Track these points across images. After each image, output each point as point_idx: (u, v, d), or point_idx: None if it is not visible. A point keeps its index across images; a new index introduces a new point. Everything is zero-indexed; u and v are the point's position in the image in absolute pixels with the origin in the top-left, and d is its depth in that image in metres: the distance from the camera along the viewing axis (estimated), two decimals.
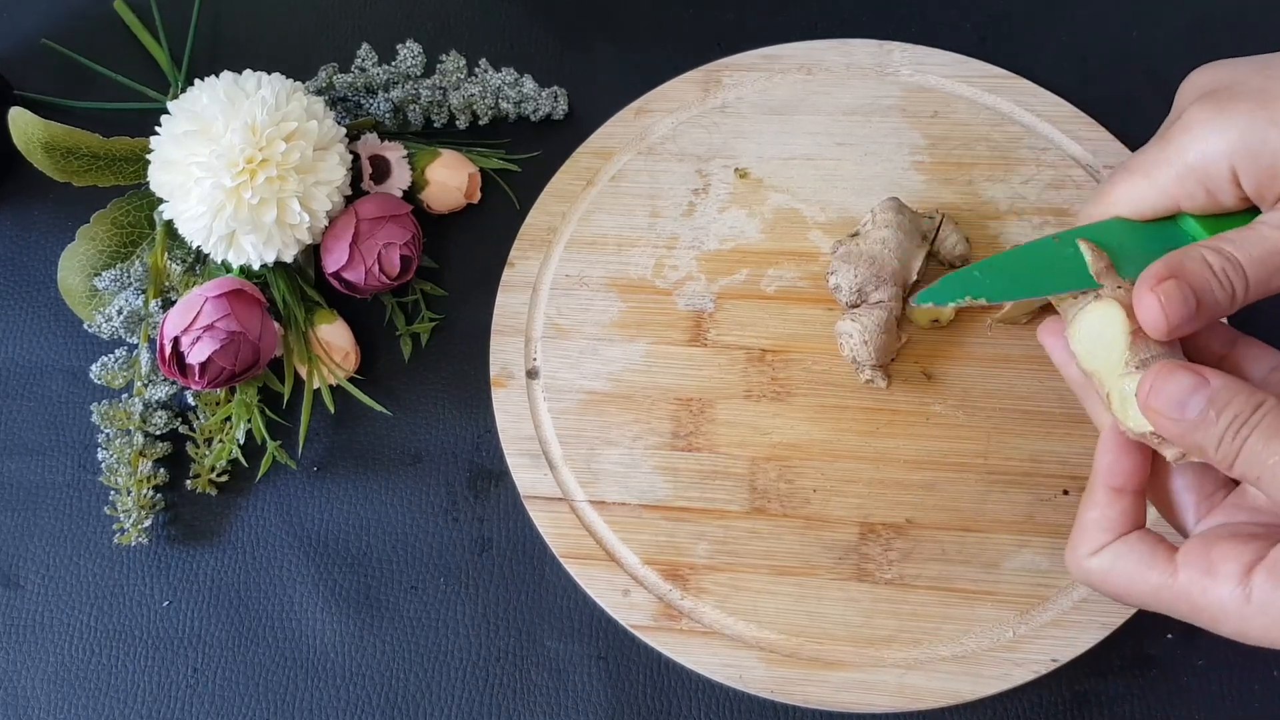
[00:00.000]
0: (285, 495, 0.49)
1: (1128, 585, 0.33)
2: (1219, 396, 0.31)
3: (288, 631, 0.47)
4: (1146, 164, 0.35)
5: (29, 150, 0.49)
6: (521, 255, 0.52)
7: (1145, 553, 0.33)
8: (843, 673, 0.43)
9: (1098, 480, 0.34)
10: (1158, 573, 0.32)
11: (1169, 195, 0.35)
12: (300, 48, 0.59)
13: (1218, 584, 0.31)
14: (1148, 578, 0.32)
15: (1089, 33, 0.56)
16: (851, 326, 0.46)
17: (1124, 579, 0.33)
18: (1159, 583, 0.32)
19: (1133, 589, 0.33)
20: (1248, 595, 0.30)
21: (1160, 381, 0.31)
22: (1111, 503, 0.34)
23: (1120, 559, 0.33)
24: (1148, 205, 0.35)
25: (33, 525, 0.50)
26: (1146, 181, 0.35)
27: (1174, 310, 0.32)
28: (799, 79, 0.54)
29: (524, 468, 0.48)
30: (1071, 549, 0.34)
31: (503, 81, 0.55)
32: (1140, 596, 0.33)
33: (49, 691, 0.47)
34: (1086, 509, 0.34)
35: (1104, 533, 0.34)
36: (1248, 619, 0.30)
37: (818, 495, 0.46)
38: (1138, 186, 0.35)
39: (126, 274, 0.50)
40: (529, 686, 0.45)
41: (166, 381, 0.49)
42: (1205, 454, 0.31)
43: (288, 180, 0.46)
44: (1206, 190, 0.34)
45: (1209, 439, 0.31)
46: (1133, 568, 0.33)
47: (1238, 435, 0.30)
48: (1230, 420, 0.30)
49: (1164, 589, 0.32)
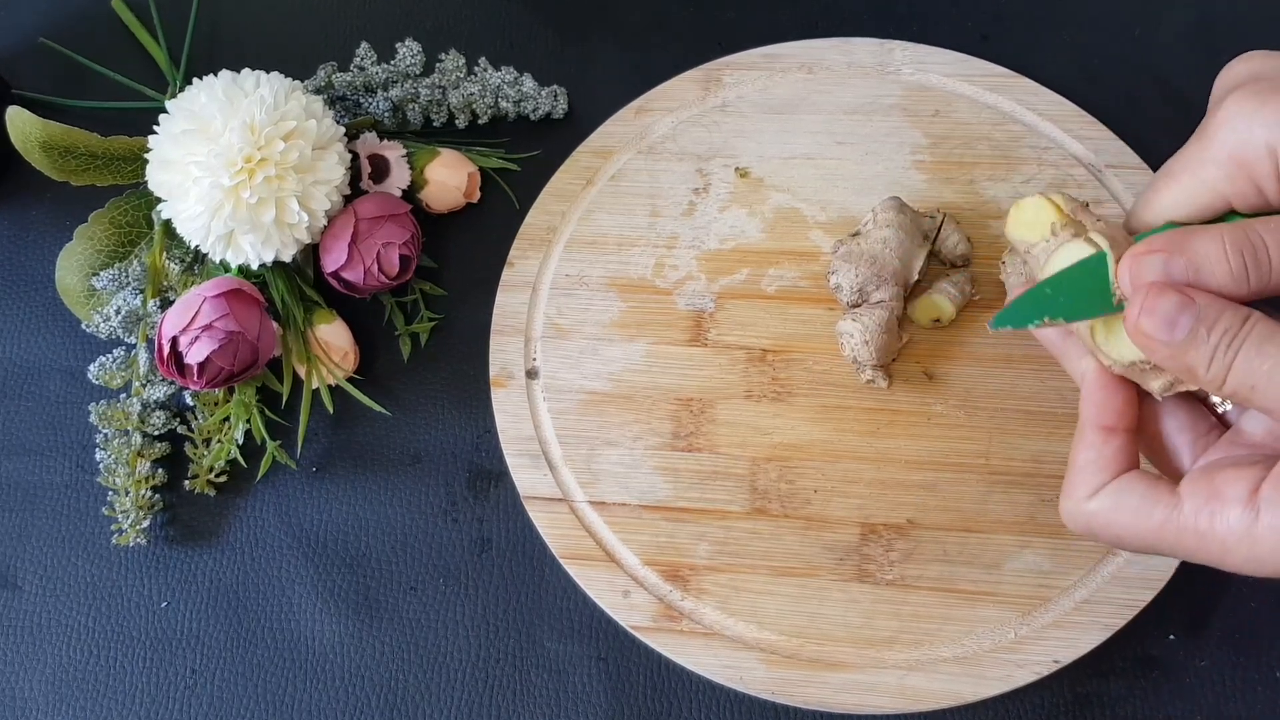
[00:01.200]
0: (284, 496, 0.49)
1: (1132, 524, 0.32)
2: (1206, 313, 0.30)
3: (286, 632, 0.47)
4: (1189, 163, 0.34)
5: (27, 149, 0.49)
6: (521, 255, 0.52)
7: (1146, 489, 0.32)
8: (844, 674, 0.43)
9: (1087, 422, 0.33)
10: (1163, 507, 0.31)
11: (1217, 192, 0.33)
12: (299, 46, 0.59)
13: (1225, 508, 0.30)
14: (1152, 513, 0.31)
15: (1091, 31, 0.56)
16: (852, 326, 0.46)
17: (1128, 516, 0.32)
18: (1164, 516, 0.31)
19: (1136, 527, 0.31)
20: (1255, 515, 0.29)
21: (1150, 302, 0.30)
22: (1105, 441, 0.33)
23: (1122, 497, 0.32)
24: (1197, 207, 0.34)
25: (30, 526, 0.49)
26: (1193, 180, 0.33)
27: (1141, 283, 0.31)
28: (800, 78, 0.54)
29: (524, 468, 0.48)
30: (1067, 495, 0.33)
31: (502, 80, 0.55)
32: (1145, 535, 0.31)
33: (47, 692, 0.47)
34: (1079, 452, 0.33)
35: (1100, 473, 0.33)
36: (1257, 541, 0.29)
37: (819, 496, 0.46)
38: (1184, 187, 0.34)
39: (124, 274, 0.50)
40: (528, 687, 0.45)
41: (165, 381, 0.49)
42: (1196, 375, 0.30)
43: (286, 179, 0.46)
44: (1253, 183, 0.32)
45: (1200, 357, 0.30)
46: (1136, 503, 0.31)
47: (1229, 349, 0.29)
48: (1221, 334, 0.30)
49: (1169, 522, 0.31)
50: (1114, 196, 0.50)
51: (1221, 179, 0.33)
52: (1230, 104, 0.33)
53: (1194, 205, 0.34)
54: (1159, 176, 0.35)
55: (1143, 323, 0.31)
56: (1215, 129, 0.33)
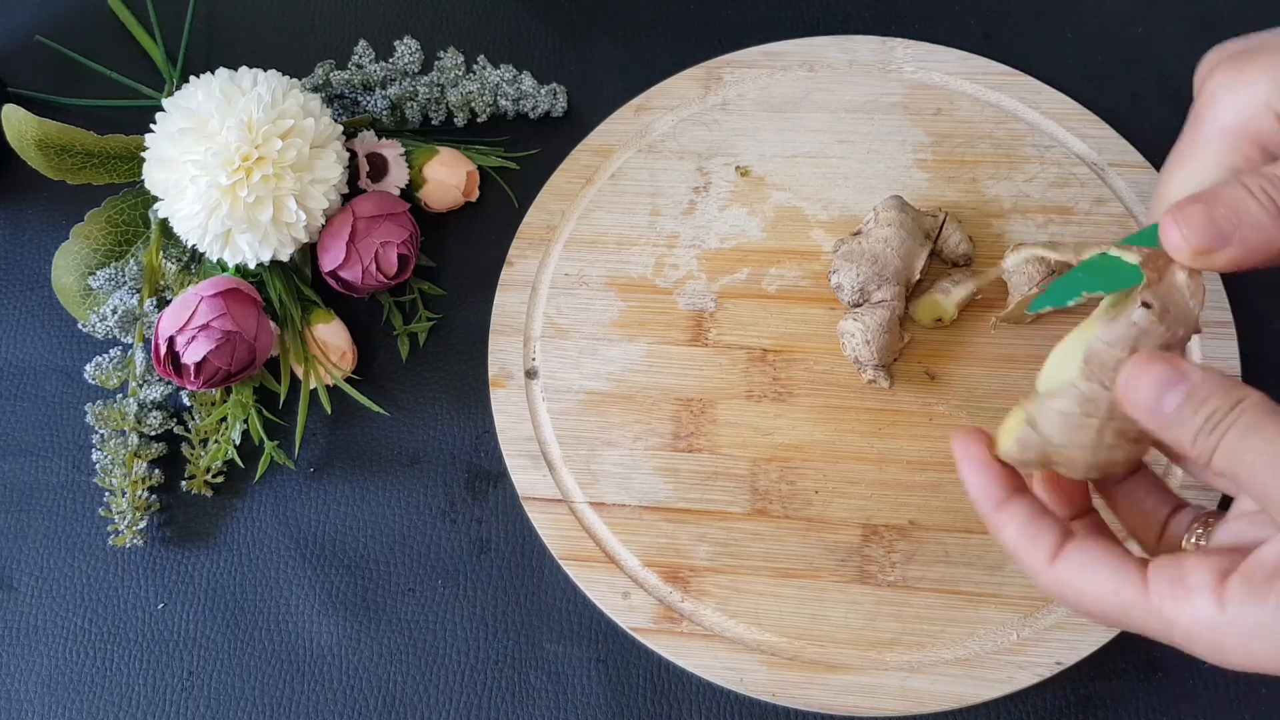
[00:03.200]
0: (281, 496, 0.49)
1: (1099, 600, 0.30)
2: (1197, 391, 0.29)
3: (284, 634, 0.47)
4: (1188, 149, 0.34)
5: (22, 148, 0.48)
6: (520, 254, 0.52)
7: (1114, 567, 0.30)
8: (845, 676, 0.43)
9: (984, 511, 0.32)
10: (1130, 588, 0.30)
11: (1226, 167, 0.33)
12: (297, 44, 0.58)
13: (1190, 596, 0.28)
14: (1120, 592, 0.30)
15: (1094, 29, 0.56)
16: (854, 326, 0.45)
17: (1095, 592, 0.30)
18: (1132, 597, 0.30)
19: (1104, 604, 0.30)
20: (1221, 608, 0.28)
21: (1138, 371, 0.30)
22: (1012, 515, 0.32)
23: (1089, 570, 0.30)
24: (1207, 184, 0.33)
25: (26, 527, 0.49)
26: (1199, 163, 0.33)
27: (1194, 234, 0.30)
28: (801, 76, 0.54)
29: (523, 469, 0.48)
30: (1031, 574, 0.32)
31: (501, 78, 0.54)
32: (1112, 612, 0.30)
33: (43, 694, 0.46)
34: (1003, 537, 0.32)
35: (1037, 537, 0.31)
36: (1221, 633, 0.28)
37: (820, 497, 0.46)
38: (1191, 171, 0.34)
39: (121, 273, 0.50)
40: (528, 689, 0.45)
41: (161, 381, 0.49)
42: (1182, 449, 0.30)
43: (284, 178, 0.46)
44: (1260, 147, 0.32)
45: (1185, 435, 0.29)
46: (1104, 579, 0.30)
47: (1214, 430, 0.29)
48: (1208, 415, 0.29)
49: (1136, 605, 0.30)
50: (1116, 195, 0.50)
51: (1225, 152, 0.33)
52: (1211, 83, 0.33)
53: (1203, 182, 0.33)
54: (1165, 169, 0.35)
55: (1131, 393, 0.30)
56: (1203, 109, 0.33)
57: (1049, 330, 0.48)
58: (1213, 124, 0.33)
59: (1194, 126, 0.34)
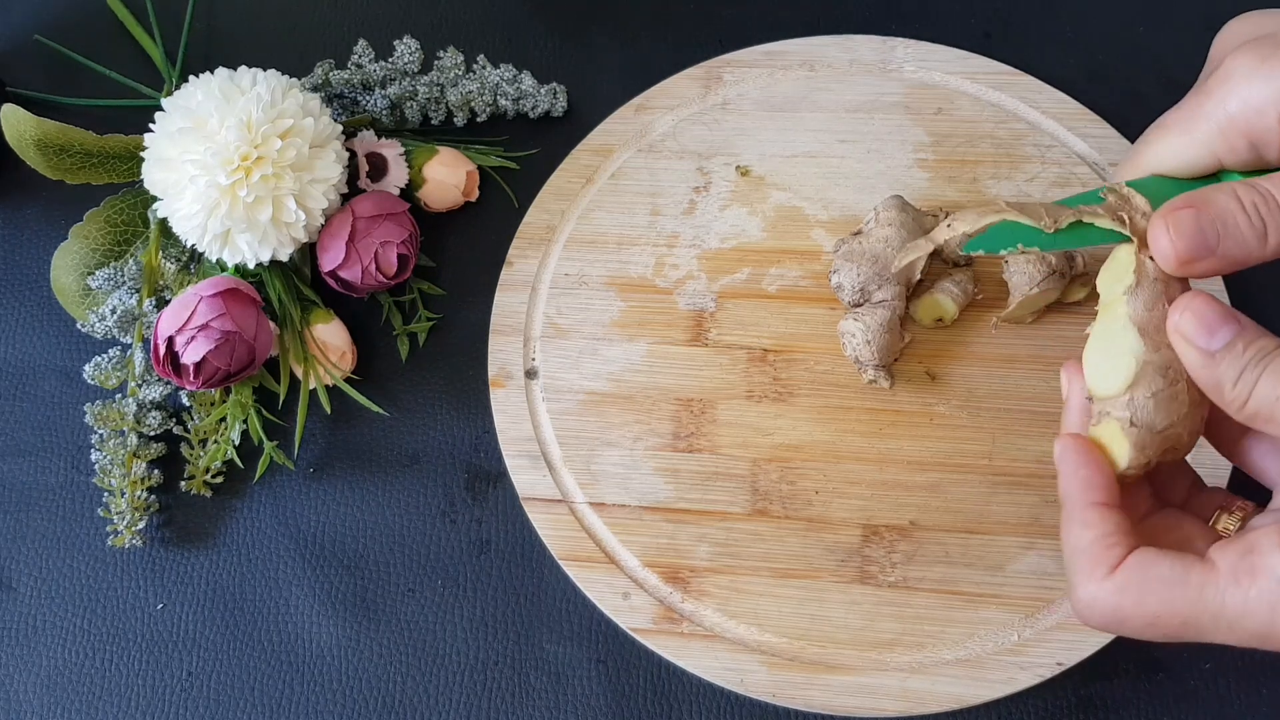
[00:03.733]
0: (281, 497, 0.49)
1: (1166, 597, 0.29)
2: (1246, 330, 0.30)
3: (283, 635, 0.47)
4: (1185, 118, 0.33)
5: (21, 148, 0.48)
6: (520, 254, 0.52)
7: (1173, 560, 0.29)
8: (845, 677, 0.43)
9: (1078, 501, 0.31)
10: (1197, 572, 0.29)
11: (1210, 150, 0.33)
12: (296, 44, 0.58)
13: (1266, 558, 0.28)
14: (1187, 580, 0.29)
15: (1095, 28, 0.56)
16: (854, 326, 0.45)
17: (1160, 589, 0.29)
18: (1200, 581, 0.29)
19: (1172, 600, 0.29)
20: None
21: (1194, 304, 0.30)
22: (1104, 517, 0.31)
23: (1148, 569, 0.29)
24: (1187, 161, 0.33)
25: (25, 527, 0.49)
26: (1186, 137, 0.33)
27: (1183, 242, 0.30)
28: (801, 75, 0.54)
29: (523, 469, 0.47)
30: (1081, 581, 0.31)
31: (501, 78, 0.54)
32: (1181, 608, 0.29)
33: (41, 695, 0.46)
34: (1075, 534, 0.31)
35: (1112, 549, 0.30)
36: None
37: (820, 497, 0.46)
38: (1176, 142, 0.33)
39: (120, 273, 0.50)
40: (528, 690, 0.45)
41: (161, 382, 0.49)
42: (1221, 389, 0.30)
43: (283, 178, 0.46)
44: (1250, 143, 0.32)
45: (1229, 372, 0.30)
46: (1166, 573, 0.29)
47: (1258, 367, 0.29)
48: (1255, 352, 0.29)
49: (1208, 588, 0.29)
50: None
51: (1215, 136, 0.33)
52: (1233, 61, 0.32)
53: (1183, 161, 0.34)
54: (1153, 128, 0.34)
55: (1183, 324, 0.30)
56: (1215, 86, 0.32)
57: (1050, 330, 0.48)
58: (1218, 105, 0.32)
59: (1199, 98, 0.33)
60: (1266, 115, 0.31)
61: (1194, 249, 0.31)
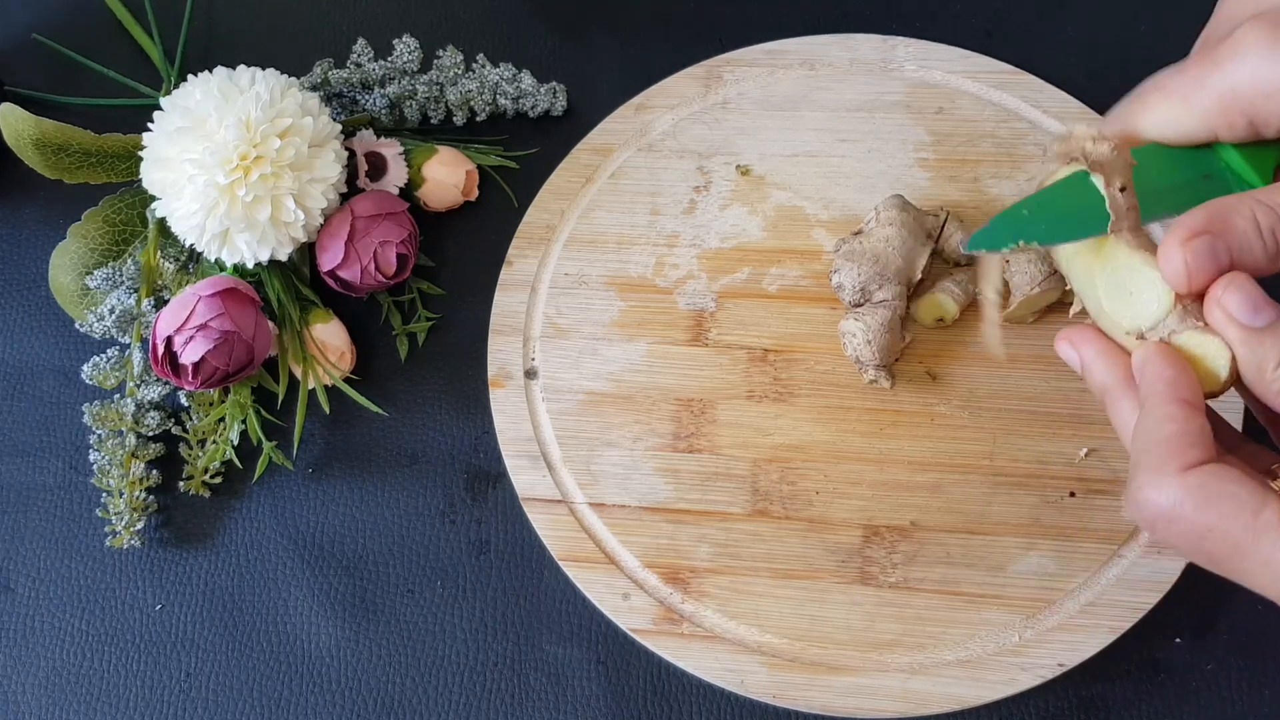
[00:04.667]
0: (279, 497, 0.49)
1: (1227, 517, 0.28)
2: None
3: (282, 636, 0.47)
4: (1186, 86, 0.32)
5: (19, 147, 0.48)
6: (520, 254, 0.51)
7: (1253, 486, 0.28)
8: (846, 678, 0.43)
9: (1162, 397, 0.30)
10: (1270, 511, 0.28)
11: (1208, 124, 0.32)
12: (295, 43, 0.58)
13: None
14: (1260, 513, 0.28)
15: (1096, 27, 0.55)
16: (855, 326, 0.45)
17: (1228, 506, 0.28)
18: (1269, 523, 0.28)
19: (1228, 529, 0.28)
20: None
21: (1238, 280, 0.29)
22: (1189, 416, 0.29)
23: (1223, 484, 0.28)
24: (1183, 131, 0.33)
25: (23, 528, 0.49)
26: (1184, 107, 0.32)
27: (1200, 271, 0.30)
28: (802, 74, 0.54)
29: (522, 469, 0.47)
30: (1155, 471, 0.29)
31: (500, 77, 0.54)
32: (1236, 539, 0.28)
33: (40, 696, 0.46)
34: (1159, 427, 0.29)
35: (1193, 447, 0.29)
36: None
37: (821, 497, 0.46)
38: (1174, 110, 0.32)
39: (119, 273, 0.49)
40: (527, 691, 0.45)
41: (159, 382, 0.49)
42: (1262, 371, 0.29)
43: (282, 177, 0.46)
44: (1251, 121, 0.31)
45: (1273, 352, 0.29)
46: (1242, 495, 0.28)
47: None
48: None
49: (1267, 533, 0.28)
50: None
51: (1216, 111, 0.32)
52: (1245, 34, 0.31)
53: (1180, 129, 0.33)
54: (1149, 91, 0.33)
55: (1227, 299, 0.29)
56: (1224, 57, 0.31)
57: (1051, 330, 0.47)
58: (1224, 79, 0.31)
59: (1206, 68, 0.32)
60: (1273, 98, 0.31)
61: (1209, 275, 0.30)
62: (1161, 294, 0.31)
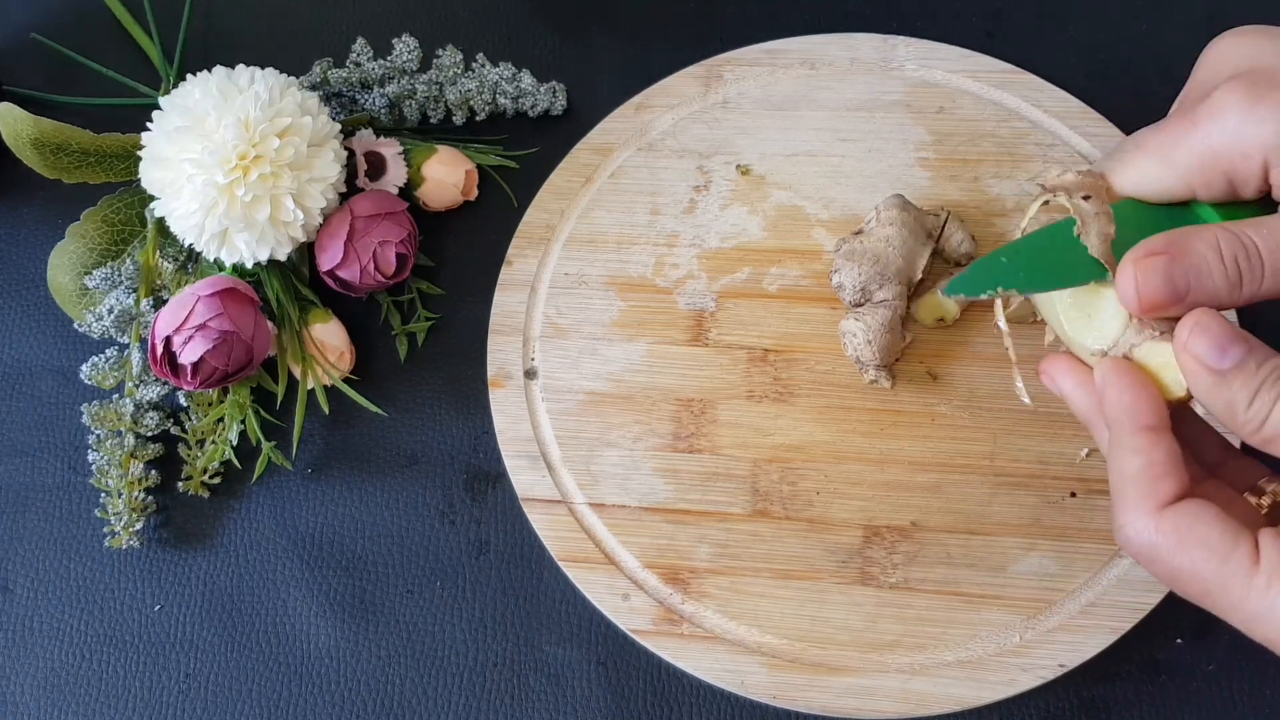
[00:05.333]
0: (279, 498, 0.49)
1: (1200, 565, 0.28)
2: (1258, 351, 0.29)
3: (281, 636, 0.46)
4: (1165, 144, 0.32)
5: (18, 146, 0.48)
6: (519, 253, 0.51)
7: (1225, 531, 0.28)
8: (846, 678, 0.43)
9: (1125, 425, 0.30)
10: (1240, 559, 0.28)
11: (1186, 182, 0.32)
12: (294, 42, 0.58)
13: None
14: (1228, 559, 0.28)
15: (1098, 26, 0.55)
16: (855, 326, 0.45)
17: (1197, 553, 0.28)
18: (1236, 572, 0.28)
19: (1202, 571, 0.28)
20: None
21: (1203, 321, 0.29)
22: (1154, 444, 0.30)
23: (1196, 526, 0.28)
24: (1161, 189, 0.33)
25: (22, 528, 0.49)
26: (1164, 166, 0.32)
27: (1148, 289, 0.30)
28: (802, 74, 0.54)
29: (522, 469, 0.47)
30: (1128, 508, 0.30)
31: (500, 76, 0.54)
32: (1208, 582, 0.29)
33: (38, 697, 0.46)
34: (1124, 462, 0.30)
35: (1163, 479, 0.29)
36: None
37: (821, 498, 0.46)
38: (1153, 168, 0.33)
39: (117, 272, 0.49)
40: (527, 692, 0.45)
41: (158, 382, 0.49)
42: (1233, 411, 0.29)
43: (281, 177, 0.45)
44: (1229, 181, 0.32)
45: (1243, 393, 0.28)
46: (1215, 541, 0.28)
47: (1275, 387, 0.28)
48: (1270, 371, 0.28)
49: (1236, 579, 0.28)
50: None
51: (1194, 169, 0.32)
52: (1224, 96, 0.31)
53: (1159, 186, 0.33)
54: (1131, 147, 0.34)
55: (1193, 343, 0.29)
56: (1203, 118, 0.31)
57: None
58: (1203, 138, 0.31)
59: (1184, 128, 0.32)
60: (1252, 159, 0.31)
61: (1160, 296, 0.30)
62: (1117, 311, 0.31)
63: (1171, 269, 0.30)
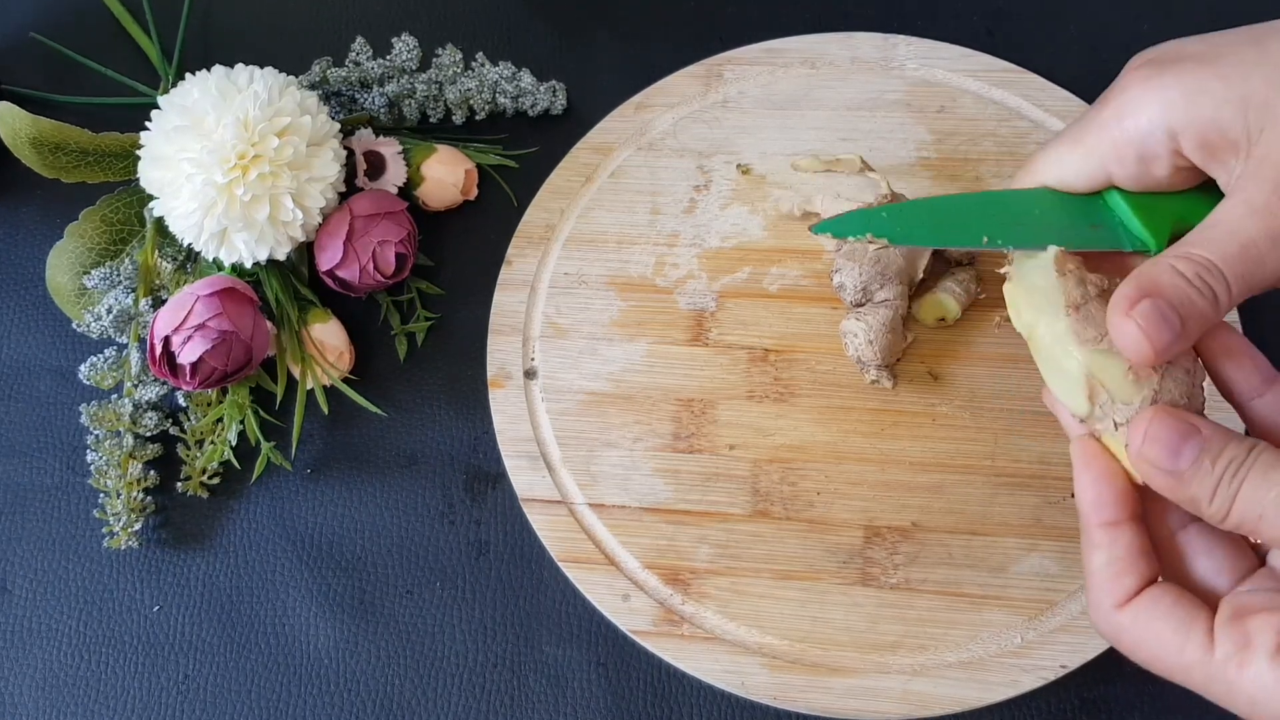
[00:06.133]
0: (278, 498, 0.49)
1: (1161, 655, 0.30)
2: (1212, 443, 0.29)
3: (281, 637, 0.46)
4: (1080, 131, 0.34)
5: (16, 146, 0.48)
6: (519, 253, 0.51)
7: (1181, 620, 0.29)
8: (847, 679, 0.43)
9: (1088, 520, 0.32)
10: (1195, 647, 0.29)
11: (1101, 163, 0.33)
12: (293, 41, 0.58)
13: (1254, 658, 0.28)
14: (1184, 650, 0.29)
15: (1099, 25, 0.55)
16: (856, 326, 0.45)
17: (1157, 646, 0.30)
18: (1195, 658, 0.29)
19: (1166, 660, 0.30)
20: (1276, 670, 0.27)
21: (1152, 427, 0.30)
22: (1114, 540, 0.31)
23: (1155, 621, 0.30)
24: (1078, 173, 0.34)
25: (20, 528, 0.49)
26: (1080, 149, 0.34)
27: (1156, 332, 0.30)
28: (802, 73, 0.53)
29: (522, 470, 0.47)
30: (1094, 605, 0.31)
31: (500, 76, 0.54)
32: (1173, 670, 0.30)
33: (37, 697, 0.46)
34: (1090, 557, 0.31)
35: (1122, 576, 0.30)
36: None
37: (821, 498, 0.45)
38: (1070, 154, 0.34)
39: (116, 272, 0.49)
40: (527, 693, 0.45)
41: (157, 382, 0.48)
42: (1199, 506, 0.29)
43: (281, 176, 0.45)
44: (1139, 157, 0.32)
45: (1204, 488, 0.29)
46: (1170, 635, 0.29)
47: (1234, 480, 0.29)
48: (1226, 464, 0.29)
49: (1199, 665, 0.29)
50: None
51: (1107, 149, 0.33)
52: (1128, 77, 0.33)
53: (1074, 173, 0.34)
54: (1056, 140, 0.35)
55: (1146, 450, 0.30)
56: (1111, 98, 0.33)
57: None
58: (1114, 117, 0.33)
59: (1093, 112, 0.33)
60: (1155, 132, 0.32)
61: (1168, 337, 0.30)
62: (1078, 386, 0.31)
63: (1161, 307, 0.30)
